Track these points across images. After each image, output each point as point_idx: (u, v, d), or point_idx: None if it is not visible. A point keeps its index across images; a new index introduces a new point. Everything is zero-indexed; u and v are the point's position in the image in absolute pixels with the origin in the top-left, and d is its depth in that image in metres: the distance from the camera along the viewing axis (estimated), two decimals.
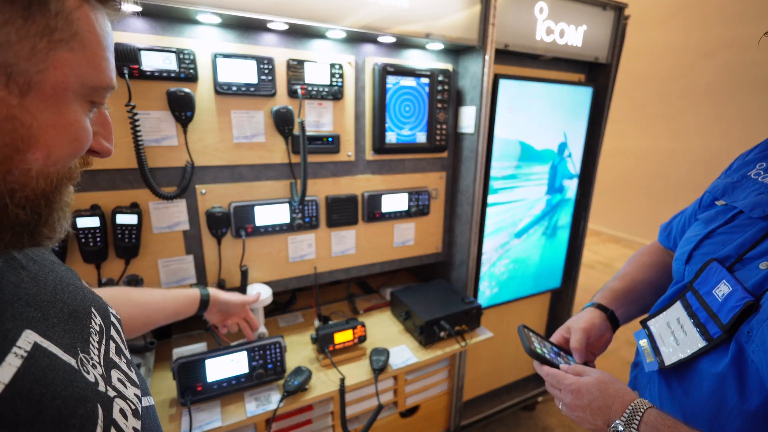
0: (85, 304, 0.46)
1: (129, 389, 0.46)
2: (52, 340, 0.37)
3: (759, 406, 0.53)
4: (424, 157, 1.54)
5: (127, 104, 0.99)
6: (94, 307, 0.48)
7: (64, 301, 0.43)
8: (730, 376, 0.57)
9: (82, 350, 0.40)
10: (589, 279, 3.77)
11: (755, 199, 0.64)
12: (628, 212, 4.92)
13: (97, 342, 0.45)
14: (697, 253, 0.70)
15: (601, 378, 0.65)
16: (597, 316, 0.81)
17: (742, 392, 0.55)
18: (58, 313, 0.41)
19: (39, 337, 0.35)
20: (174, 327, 1.47)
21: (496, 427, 2.04)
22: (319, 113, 1.29)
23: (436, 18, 1.27)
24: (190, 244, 1.21)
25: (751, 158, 0.71)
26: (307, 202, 1.33)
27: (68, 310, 0.42)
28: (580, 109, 1.73)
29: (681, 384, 0.65)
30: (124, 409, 0.42)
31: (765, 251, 0.59)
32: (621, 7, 1.64)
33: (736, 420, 0.56)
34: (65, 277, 0.47)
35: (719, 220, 0.69)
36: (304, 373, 1.18)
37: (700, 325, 0.62)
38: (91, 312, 0.47)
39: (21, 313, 0.35)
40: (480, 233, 1.61)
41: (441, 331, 1.39)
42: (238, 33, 1.13)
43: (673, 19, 4.16)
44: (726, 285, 0.60)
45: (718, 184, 0.74)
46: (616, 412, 0.59)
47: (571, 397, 0.66)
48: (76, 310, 0.44)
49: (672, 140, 4.32)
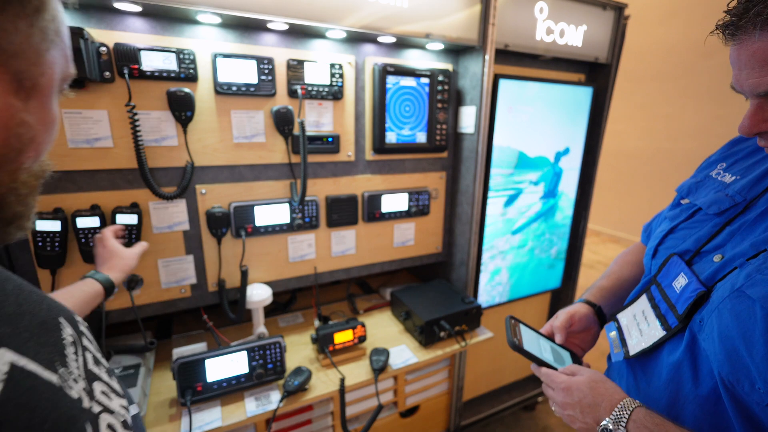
0: (51, 314, 0.42)
1: (114, 401, 0.43)
2: (29, 356, 0.32)
3: (710, 391, 0.56)
4: (424, 157, 1.54)
5: (127, 104, 0.99)
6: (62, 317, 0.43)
7: (30, 312, 0.38)
8: (684, 363, 0.60)
9: (61, 364, 0.37)
10: (589, 279, 3.77)
11: (713, 196, 0.68)
12: (628, 212, 4.92)
13: (74, 353, 0.41)
14: (661, 248, 0.73)
15: (593, 377, 0.67)
16: (584, 308, 0.85)
17: (696, 378, 0.58)
18: (27, 325, 0.36)
19: (14, 354, 0.31)
20: (174, 327, 1.47)
21: (496, 427, 2.04)
22: (319, 113, 1.29)
23: (436, 18, 1.27)
24: (190, 244, 1.21)
25: (714, 159, 0.76)
26: (307, 202, 1.33)
27: (37, 322, 0.38)
28: (580, 109, 1.73)
29: (644, 373, 0.68)
30: (112, 424, 0.39)
31: (718, 245, 0.62)
32: (621, 7, 1.64)
33: (690, 405, 0.59)
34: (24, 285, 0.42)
35: (681, 217, 0.73)
36: (304, 373, 1.18)
37: (661, 316, 0.66)
38: (59, 322, 0.42)
39: None
40: (480, 233, 1.61)
41: (441, 331, 1.39)
42: (238, 33, 1.13)
43: (673, 19, 4.16)
44: (683, 277, 0.64)
45: (685, 185, 0.78)
46: (605, 410, 0.61)
47: (563, 396, 0.68)
48: (44, 321, 0.39)
49: (672, 140, 4.32)
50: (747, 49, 0.48)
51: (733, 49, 0.51)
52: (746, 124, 0.53)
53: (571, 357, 0.80)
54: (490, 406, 1.97)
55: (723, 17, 0.51)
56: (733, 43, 0.51)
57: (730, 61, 0.53)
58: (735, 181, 0.67)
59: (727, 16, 0.50)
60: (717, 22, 0.52)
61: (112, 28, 0.99)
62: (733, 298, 0.54)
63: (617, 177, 4.92)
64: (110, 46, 0.97)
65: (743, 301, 0.52)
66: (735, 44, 0.50)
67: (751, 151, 0.70)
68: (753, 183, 0.63)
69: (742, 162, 0.69)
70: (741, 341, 0.51)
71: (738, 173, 0.68)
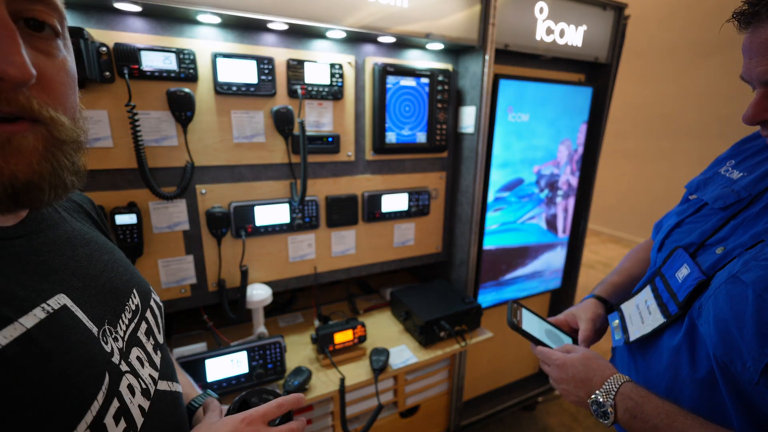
0: (128, 285, 0.51)
1: (145, 369, 0.48)
2: (83, 307, 0.41)
3: (706, 374, 0.60)
4: (424, 157, 1.54)
5: (127, 104, 0.99)
6: (137, 289, 0.53)
7: (109, 278, 0.48)
8: (683, 348, 0.63)
9: (110, 323, 0.44)
10: (589, 279, 3.77)
11: (719, 191, 0.70)
12: (628, 212, 4.92)
13: (128, 319, 0.48)
14: (668, 241, 0.76)
15: (587, 354, 0.72)
16: (601, 308, 0.88)
17: (693, 362, 0.62)
18: (99, 286, 0.45)
19: (70, 301, 0.39)
20: (174, 327, 1.47)
21: (496, 427, 2.04)
22: (319, 113, 1.29)
23: (436, 18, 1.27)
24: (190, 244, 1.21)
25: (723, 156, 0.78)
26: (307, 202, 1.33)
27: (111, 286, 0.47)
28: (580, 109, 1.73)
29: (644, 358, 0.72)
30: (133, 385, 0.43)
31: (722, 238, 0.65)
32: (621, 7, 1.64)
33: (688, 388, 0.62)
34: (121, 260, 0.54)
35: (688, 212, 0.76)
36: (304, 373, 1.18)
37: (662, 304, 0.69)
38: (132, 292, 0.51)
39: (63, 279, 0.40)
40: (480, 233, 1.61)
41: (441, 331, 1.39)
42: (238, 33, 1.13)
43: (673, 19, 4.16)
44: (686, 268, 0.66)
45: (694, 181, 0.80)
46: (596, 384, 0.66)
47: (558, 371, 0.74)
48: (117, 288, 0.48)
49: (672, 140, 4.32)
50: (759, 36, 0.51)
51: (746, 37, 0.53)
52: (749, 113, 0.55)
53: (571, 341, 0.86)
54: (490, 406, 1.97)
55: (740, 6, 0.53)
56: (747, 31, 0.53)
57: (742, 50, 0.55)
58: (742, 177, 0.69)
59: (744, 5, 0.52)
60: (734, 10, 0.54)
61: (112, 28, 0.99)
62: (728, 284, 0.56)
63: (617, 177, 4.92)
64: (110, 46, 0.97)
65: (737, 285, 0.55)
66: (749, 32, 0.52)
67: (760, 148, 0.71)
68: (758, 179, 0.65)
69: (750, 159, 0.71)
70: (734, 323, 0.54)
71: (745, 170, 0.69)
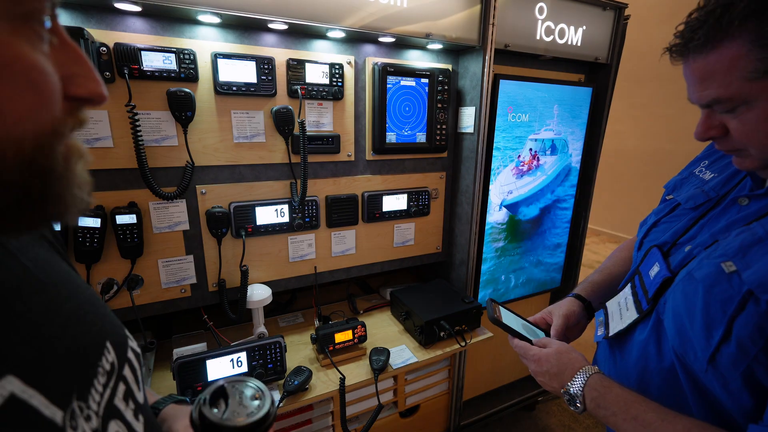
0: (100, 338, 0.41)
1: None
2: (40, 387, 0.30)
3: (671, 365, 0.64)
4: (424, 157, 1.54)
5: (127, 104, 0.99)
6: (110, 341, 0.42)
7: (73, 336, 0.37)
8: (651, 341, 0.68)
9: (80, 397, 0.34)
10: None
11: (692, 192, 0.75)
12: (628, 212, 4.92)
13: (103, 385, 0.39)
14: (646, 240, 0.80)
15: (559, 348, 0.77)
16: (576, 305, 0.92)
17: (659, 354, 0.67)
18: (60, 350, 0.35)
19: (20, 384, 0.29)
20: (174, 327, 1.47)
21: (496, 427, 2.04)
22: (319, 113, 1.29)
23: (436, 18, 1.27)
24: (190, 244, 1.21)
25: (699, 157, 0.82)
26: (307, 202, 1.33)
27: (76, 347, 0.37)
28: (580, 109, 1.73)
29: (621, 352, 0.77)
30: None
31: (691, 237, 0.69)
32: (621, 7, 1.64)
33: (656, 378, 0.67)
34: (87, 303, 0.41)
35: (664, 212, 0.80)
36: (304, 372, 1.18)
37: (637, 301, 0.74)
38: (104, 347, 0.41)
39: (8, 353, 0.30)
40: (480, 233, 1.61)
41: (441, 331, 1.39)
42: (238, 33, 1.13)
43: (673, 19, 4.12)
44: (657, 266, 0.71)
45: (671, 182, 0.85)
46: (568, 376, 0.71)
47: (534, 365, 0.78)
48: (86, 346, 0.38)
49: (672, 141, 4.32)
50: (692, 67, 0.56)
51: (684, 67, 0.58)
52: (699, 131, 0.60)
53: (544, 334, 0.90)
54: (490, 406, 1.97)
55: (672, 40, 0.57)
56: (683, 62, 0.58)
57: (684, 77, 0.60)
58: (713, 178, 0.73)
59: (676, 39, 0.57)
60: (669, 42, 0.58)
61: (112, 28, 0.99)
62: (684, 281, 0.62)
63: (617, 177, 4.92)
64: (110, 46, 0.97)
65: (691, 282, 0.60)
66: (687, 62, 0.57)
67: None
68: (726, 180, 0.70)
69: (721, 161, 0.75)
70: (686, 317, 0.59)
71: (716, 171, 0.74)
